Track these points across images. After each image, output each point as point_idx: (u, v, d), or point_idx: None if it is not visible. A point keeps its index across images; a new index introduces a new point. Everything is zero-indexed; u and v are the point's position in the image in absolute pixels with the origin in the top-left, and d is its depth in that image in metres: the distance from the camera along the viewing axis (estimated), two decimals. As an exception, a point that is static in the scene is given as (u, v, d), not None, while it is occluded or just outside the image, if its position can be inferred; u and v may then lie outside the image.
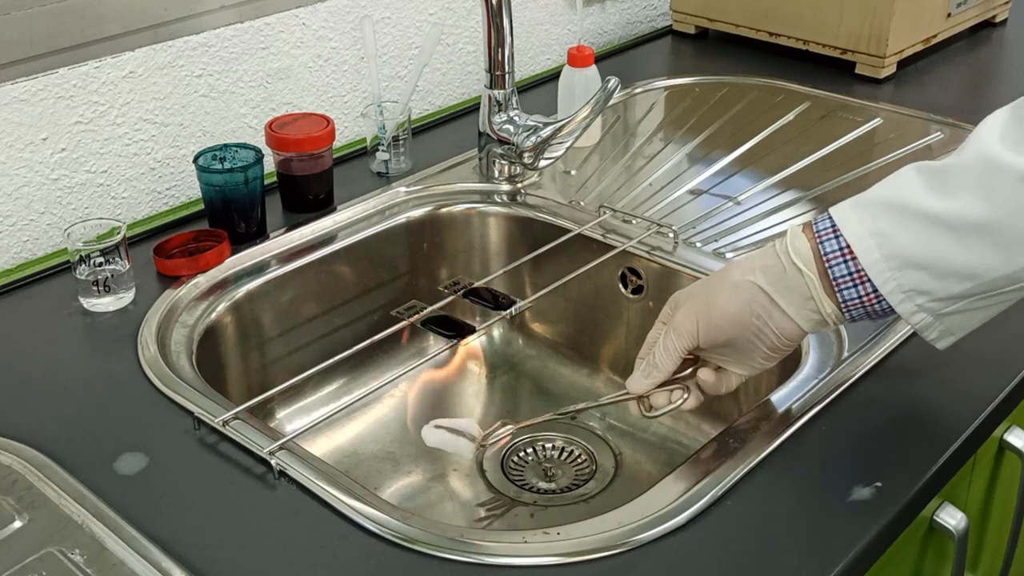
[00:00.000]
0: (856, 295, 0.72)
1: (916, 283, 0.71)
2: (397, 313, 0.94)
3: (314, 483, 0.74)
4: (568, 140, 1.09)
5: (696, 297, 0.77)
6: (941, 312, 0.72)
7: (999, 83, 1.47)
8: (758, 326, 0.75)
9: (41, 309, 0.95)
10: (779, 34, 1.50)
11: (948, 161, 0.71)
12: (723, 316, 0.75)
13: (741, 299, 0.75)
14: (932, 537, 0.84)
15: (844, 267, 0.72)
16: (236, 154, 1.05)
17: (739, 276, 0.75)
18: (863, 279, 0.72)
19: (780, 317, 0.74)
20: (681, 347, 0.77)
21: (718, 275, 0.78)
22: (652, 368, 0.78)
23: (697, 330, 0.76)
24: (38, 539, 0.69)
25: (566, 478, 1.00)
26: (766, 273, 0.74)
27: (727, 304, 0.75)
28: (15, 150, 1.00)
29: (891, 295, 0.71)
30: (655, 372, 0.78)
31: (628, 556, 0.68)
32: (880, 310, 0.73)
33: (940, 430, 0.78)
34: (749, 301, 0.74)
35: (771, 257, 0.75)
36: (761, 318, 0.74)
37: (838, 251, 0.72)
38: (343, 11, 1.23)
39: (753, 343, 0.76)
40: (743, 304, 0.74)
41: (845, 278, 0.72)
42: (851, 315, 0.74)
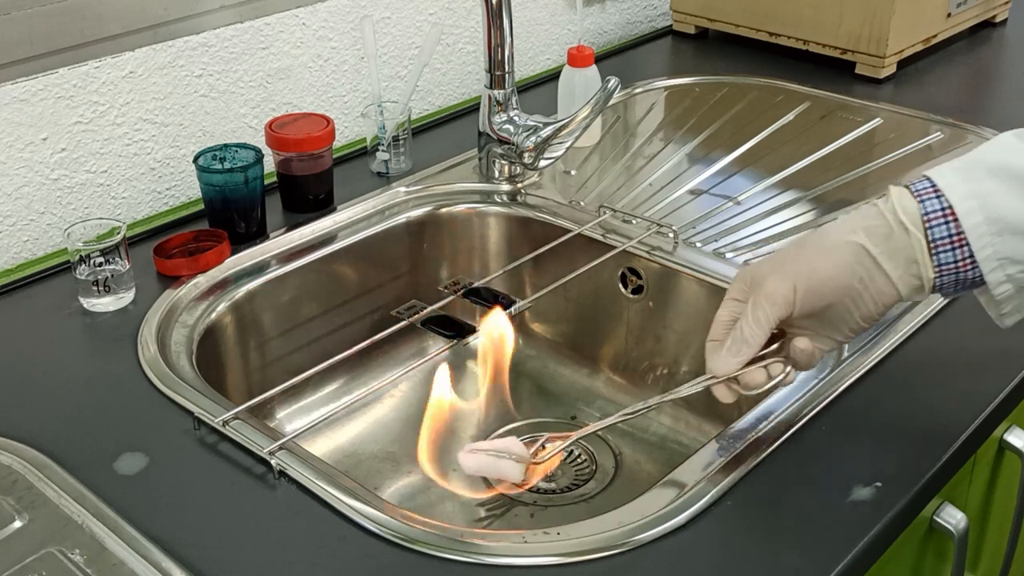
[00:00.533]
0: (952, 259, 0.69)
1: (1012, 251, 0.68)
2: (397, 313, 0.95)
3: (314, 483, 0.74)
4: (568, 140, 1.09)
5: (788, 263, 0.72)
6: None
7: (999, 83, 1.47)
8: (859, 290, 0.70)
9: (41, 309, 0.95)
10: (779, 34, 1.50)
11: None
12: (824, 280, 0.70)
13: (844, 261, 0.70)
14: (932, 537, 0.84)
15: (944, 228, 0.69)
16: (236, 154, 1.05)
17: (840, 237, 0.71)
18: (962, 242, 0.69)
19: (882, 281, 0.70)
20: (774, 317, 0.71)
21: (811, 238, 0.73)
22: (741, 344, 0.72)
23: (794, 297, 0.71)
24: (38, 539, 0.69)
25: (566, 478, 1.00)
26: (870, 234, 0.70)
27: (829, 267, 0.70)
28: (15, 150, 1.00)
29: (985, 262, 0.69)
30: (745, 348, 0.72)
31: (628, 556, 0.68)
32: (969, 279, 0.70)
33: (940, 430, 0.78)
34: (853, 263, 0.70)
35: (875, 217, 0.71)
36: (863, 281, 0.70)
37: (939, 211, 0.69)
38: (343, 11, 1.23)
39: (848, 310, 0.71)
40: (847, 266, 0.70)
41: (944, 240, 0.69)
42: (941, 281, 0.70)
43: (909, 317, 0.90)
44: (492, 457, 0.73)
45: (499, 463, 0.73)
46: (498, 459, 0.73)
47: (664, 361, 1.07)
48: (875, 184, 1.14)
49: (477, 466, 0.74)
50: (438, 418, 0.83)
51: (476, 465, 0.74)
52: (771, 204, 1.12)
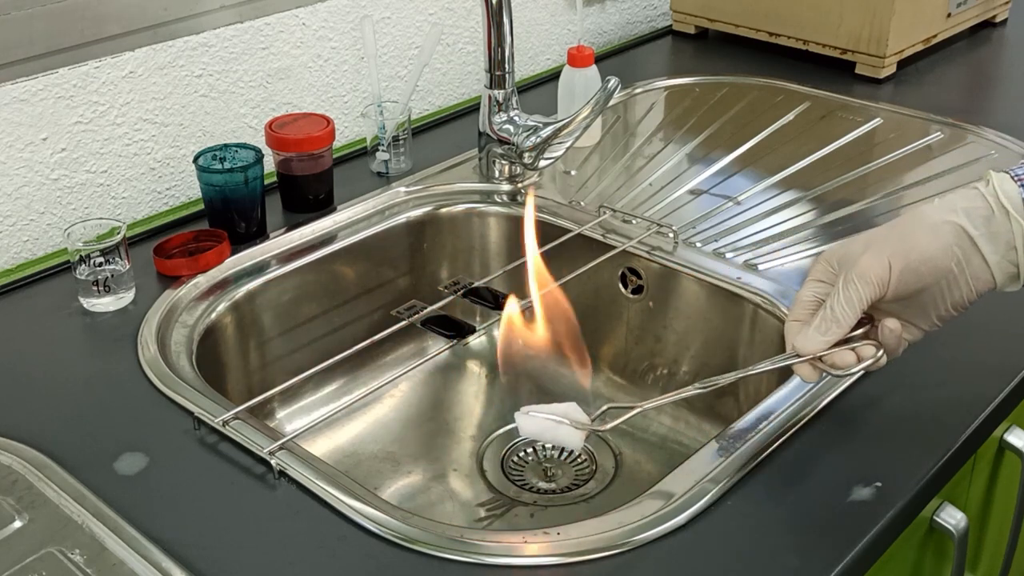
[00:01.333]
0: None
1: None
2: (397, 313, 0.95)
3: (314, 483, 0.74)
4: (568, 140, 1.09)
5: (883, 242, 0.70)
6: None
7: (999, 83, 1.47)
8: (955, 273, 0.69)
9: (41, 309, 0.95)
10: (779, 34, 1.50)
11: None
12: (922, 260, 0.68)
13: (943, 241, 0.69)
14: (932, 537, 0.84)
15: None
16: (236, 154, 1.05)
17: (939, 216, 0.69)
18: None
19: (979, 265, 0.69)
20: (868, 296, 0.69)
21: (908, 218, 0.71)
22: (831, 323, 0.70)
23: (889, 276, 0.69)
24: (38, 539, 0.69)
25: (566, 478, 1.00)
26: (970, 215, 0.69)
27: (928, 247, 0.68)
28: (15, 150, 1.00)
29: None
30: (835, 327, 0.70)
31: (628, 556, 0.68)
32: None
33: (940, 430, 0.78)
34: (951, 245, 0.68)
35: (977, 199, 0.69)
36: (960, 264, 0.69)
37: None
38: (343, 11, 1.23)
39: (942, 294, 0.70)
40: (945, 247, 0.68)
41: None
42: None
43: (909, 317, 0.90)
44: (552, 422, 0.70)
45: (558, 429, 0.70)
46: (557, 424, 0.70)
47: (664, 361, 1.07)
48: (875, 184, 1.14)
49: (536, 429, 0.71)
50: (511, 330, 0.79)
51: (535, 428, 0.71)
52: (771, 204, 1.12)
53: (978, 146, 1.21)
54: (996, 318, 0.90)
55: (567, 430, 0.70)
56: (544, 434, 0.72)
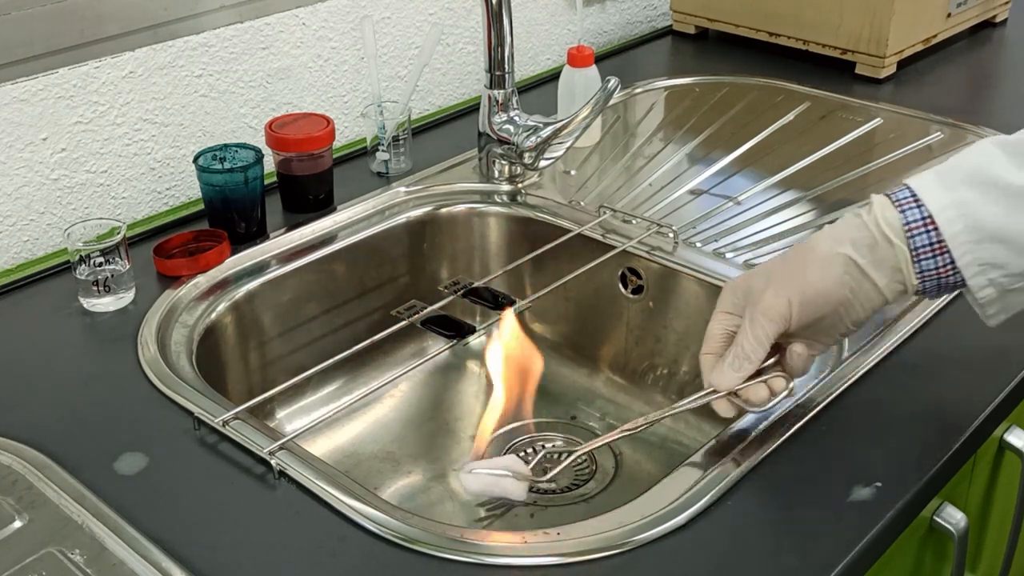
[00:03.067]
0: (934, 266, 0.72)
1: (992, 256, 0.70)
2: (397, 313, 0.94)
3: (314, 483, 0.74)
4: (568, 140, 1.09)
5: (780, 277, 0.74)
6: (1009, 288, 0.72)
7: (999, 83, 1.47)
8: (849, 299, 0.73)
9: (41, 309, 0.95)
10: (779, 34, 1.50)
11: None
12: (818, 293, 0.73)
13: (835, 273, 0.73)
14: (932, 537, 0.84)
15: (925, 237, 0.71)
16: (236, 154, 1.05)
17: (829, 249, 0.73)
18: (943, 250, 0.71)
19: (870, 289, 0.73)
20: (773, 332, 0.74)
21: (800, 251, 0.75)
22: (743, 361, 0.74)
23: (790, 312, 0.73)
24: (38, 539, 0.69)
25: (566, 478, 1.00)
26: (857, 245, 0.73)
27: (822, 280, 0.73)
28: (15, 150, 1.00)
29: (966, 268, 0.71)
30: (746, 363, 0.74)
31: (628, 556, 0.68)
32: (951, 283, 0.72)
33: (940, 430, 0.78)
34: (843, 274, 0.73)
35: (860, 228, 0.73)
36: (853, 291, 0.73)
37: (920, 220, 0.71)
38: (343, 11, 1.23)
39: (840, 317, 0.74)
40: (838, 278, 0.73)
41: (925, 248, 0.71)
42: (925, 286, 0.73)
43: (909, 317, 0.90)
44: (494, 477, 0.75)
45: (502, 482, 0.75)
46: (500, 478, 0.75)
47: (664, 361, 1.07)
48: (875, 184, 1.14)
49: (479, 487, 0.76)
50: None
51: (478, 487, 0.76)
52: (771, 204, 1.12)
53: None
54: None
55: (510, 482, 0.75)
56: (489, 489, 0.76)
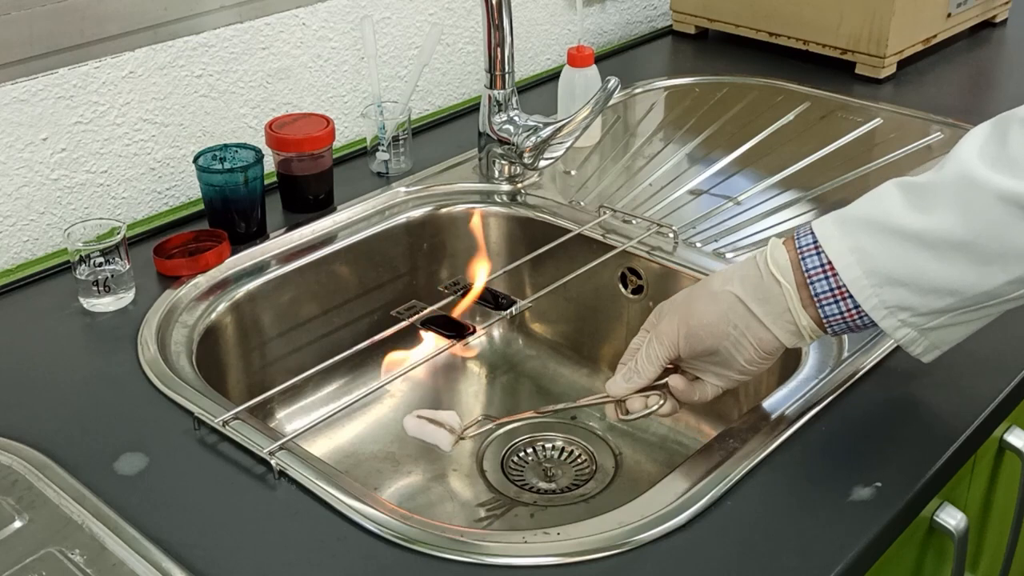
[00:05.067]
0: (837, 311, 0.73)
1: (898, 299, 0.71)
2: (397, 313, 0.94)
3: (314, 483, 0.74)
4: (568, 140, 1.09)
5: (678, 307, 0.78)
6: (924, 327, 0.72)
7: (999, 83, 1.47)
8: (735, 336, 0.75)
9: (41, 309, 0.95)
10: (779, 34, 1.50)
11: (928, 177, 0.71)
12: (701, 326, 0.75)
13: (719, 309, 0.75)
14: (932, 537, 0.84)
15: (825, 283, 0.72)
16: (236, 154, 1.05)
17: (718, 286, 0.76)
18: (844, 295, 0.72)
19: (758, 327, 0.74)
20: (663, 355, 0.78)
21: (700, 285, 0.78)
22: (633, 374, 0.79)
23: (678, 339, 0.77)
24: (38, 539, 0.69)
25: (566, 478, 1.00)
26: (744, 283, 0.75)
27: (705, 313, 0.75)
28: (15, 150, 1.00)
29: (874, 311, 0.72)
30: (635, 378, 0.79)
31: (628, 556, 0.68)
32: (862, 324, 0.73)
33: (940, 430, 0.78)
34: (727, 311, 0.75)
35: (751, 268, 0.76)
36: (739, 328, 0.75)
37: (819, 267, 0.72)
38: (343, 11, 1.23)
39: (731, 354, 0.76)
40: (721, 314, 0.75)
41: (826, 294, 0.72)
42: (833, 330, 0.74)
43: (909, 317, 0.90)
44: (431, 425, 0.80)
45: (436, 431, 0.79)
46: (436, 428, 0.79)
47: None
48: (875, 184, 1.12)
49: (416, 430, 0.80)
50: None
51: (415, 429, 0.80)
52: (771, 204, 1.12)
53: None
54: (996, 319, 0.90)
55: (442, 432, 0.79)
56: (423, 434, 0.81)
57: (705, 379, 0.79)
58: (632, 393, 0.80)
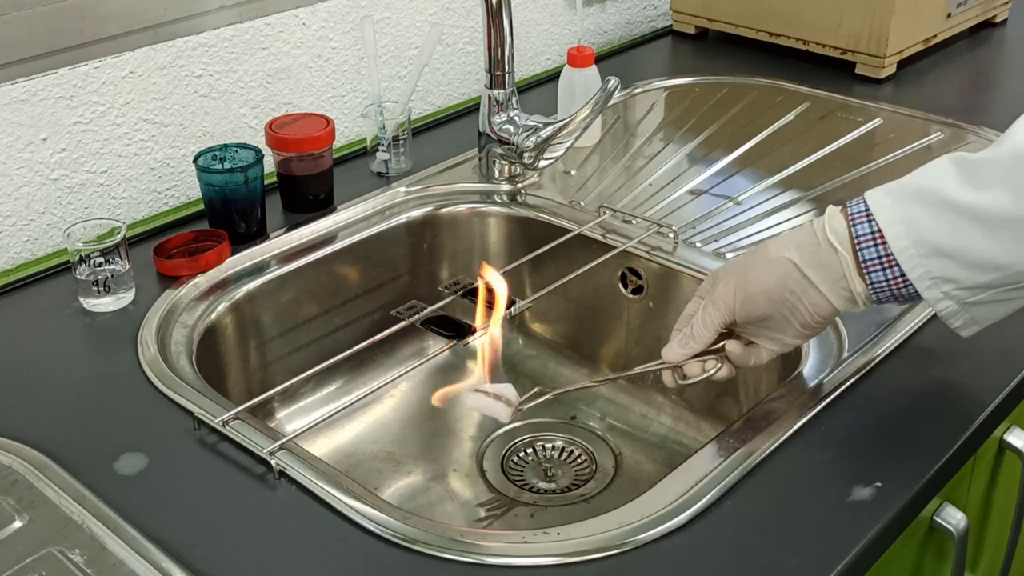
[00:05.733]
0: (884, 278, 0.74)
1: (943, 271, 0.72)
2: (397, 313, 0.94)
3: (314, 483, 0.74)
4: (568, 140, 1.09)
5: (735, 272, 0.79)
6: (967, 301, 0.73)
7: (999, 83, 1.47)
8: (792, 302, 0.76)
9: (41, 309, 0.95)
10: (779, 34, 1.50)
11: (984, 154, 0.72)
12: (758, 291, 0.77)
13: (776, 275, 0.76)
14: (932, 537, 0.84)
15: (874, 250, 0.73)
16: (236, 154, 1.05)
17: (775, 252, 0.77)
18: (891, 263, 0.73)
19: (814, 293, 0.76)
20: (718, 320, 0.79)
21: (756, 251, 0.79)
22: (689, 339, 0.80)
23: (734, 305, 0.78)
24: (38, 539, 0.69)
25: (566, 478, 1.00)
26: (800, 250, 0.76)
27: (762, 280, 0.77)
28: (15, 150, 1.00)
29: (919, 281, 0.73)
30: (691, 343, 0.80)
31: (628, 556, 0.68)
32: (907, 294, 0.74)
33: (940, 430, 0.78)
34: (784, 277, 0.76)
35: (808, 235, 0.77)
36: (795, 294, 0.76)
37: (869, 235, 0.74)
38: (343, 11, 1.23)
39: (787, 319, 0.77)
40: (778, 280, 0.76)
41: (874, 261, 0.73)
42: (878, 297, 0.75)
43: (909, 317, 0.90)
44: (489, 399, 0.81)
45: (493, 404, 0.81)
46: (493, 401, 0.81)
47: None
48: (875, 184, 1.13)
49: (475, 403, 0.82)
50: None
51: (474, 403, 0.82)
52: (771, 204, 1.12)
53: (978, 146, 1.21)
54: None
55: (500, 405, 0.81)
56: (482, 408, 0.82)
57: (760, 344, 0.80)
58: (688, 359, 0.81)
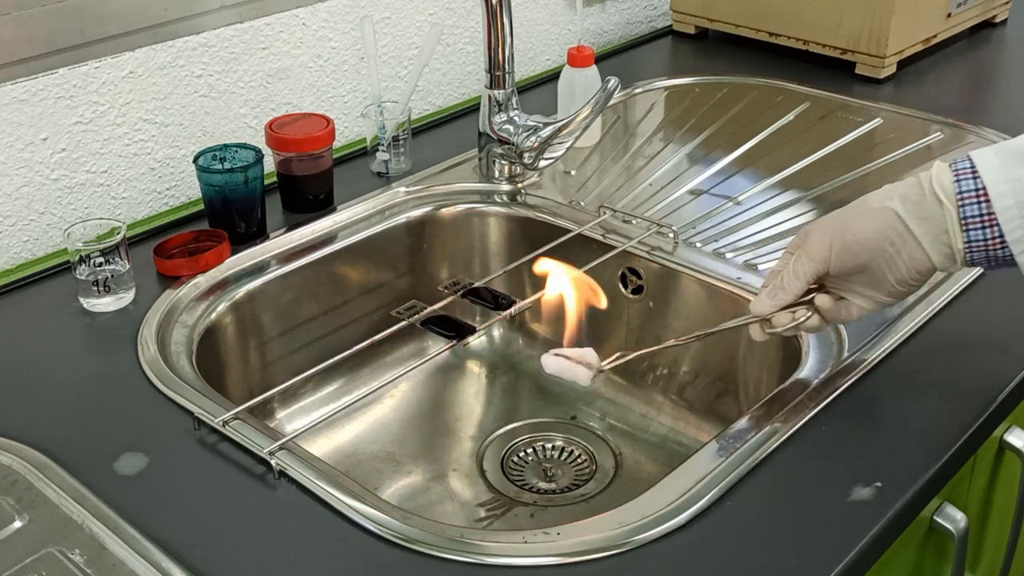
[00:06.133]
0: (982, 237, 0.73)
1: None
2: (397, 313, 0.94)
3: (314, 483, 0.74)
4: (568, 140, 1.09)
5: (831, 224, 0.77)
6: None
7: (999, 83, 1.47)
8: (891, 253, 0.75)
9: (41, 309, 0.95)
10: (779, 34, 1.50)
11: None
12: (857, 241, 0.76)
13: (877, 224, 0.75)
14: (932, 537, 0.84)
15: (976, 208, 0.73)
16: (236, 154, 1.05)
17: (877, 202, 0.76)
18: (992, 223, 0.72)
19: (914, 246, 0.75)
20: (811, 271, 0.77)
21: (856, 203, 0.78)
22: (779, 290, 0.79)
23: (830, 254, 0.76)
24: (38, 539, 0.69)
25: (566, 478, 1.00)
26: (904, 201, 0.75)
27: (862, 229, 0.75)
28: (15, 150, 1.00)
29: (1015, 243, 0.72)
30: (781, 294, 0.79)
31: (628, 556, 0.68)
32: (1000, 257, 0.74)
33: (940, 430, 0.78)
34: (885, 227, 0.75)
35: (913, 187, 0.75)
36: (895, 245, 0.75)
37: (972, 191, 0.73)
38: (343, 11, 1.23)
39: (883, 272, 0.76)
40: (878, 230, 0.75)
41: (975, 219, 0.73)
42: (972, 257, 0.74)
43: (909, 318, 0.90)
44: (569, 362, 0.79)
45: (574, 368, 0.79)
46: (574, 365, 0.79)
47: (664, 361, 1.07)
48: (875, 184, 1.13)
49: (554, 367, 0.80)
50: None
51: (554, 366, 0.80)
52: (771, 204, 1.12)
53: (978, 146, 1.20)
54: (996, 318, 0.90)
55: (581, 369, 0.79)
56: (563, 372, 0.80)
57: (850, 299, 0.79)
58: (776, 311, 0.79)
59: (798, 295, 0.79)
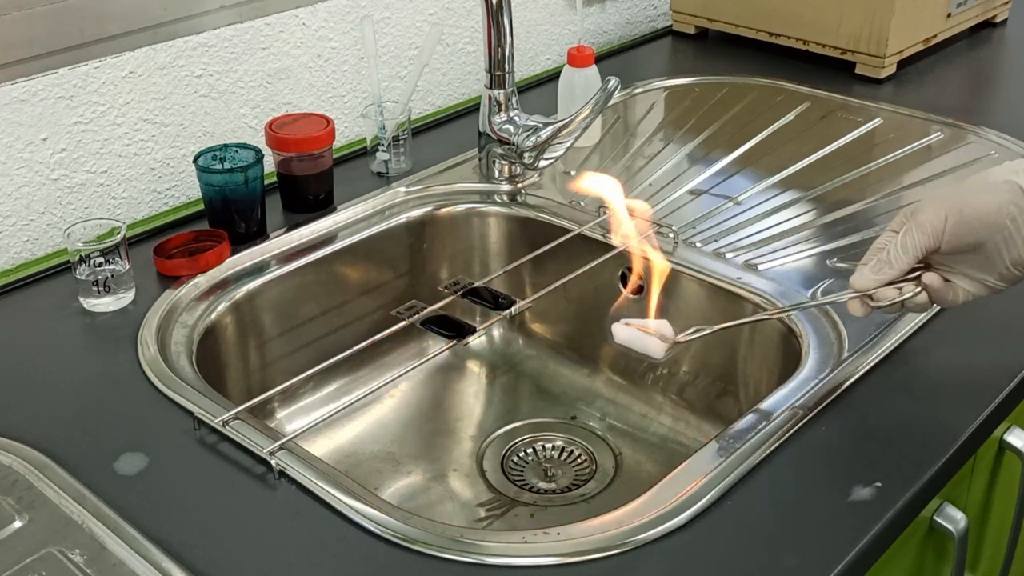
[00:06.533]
0: None
1: None
2: (397, 313, 0.94)
3: (314, 483, 0.74)
4: (568, 140, 1.09)
5: (946, 197, 0.73)
6: None
7: (999, 83, 1.47)
8: (1011, 230, 0.71)
9: (41, 309, 0.95)
10: (779, 34, 1.50)
11: None
12: (976, 215, 0.71)
13: (999, 199, 0.71)
14: (932, 537, 0.84)
15: None
16: (236, 154, 1.05)
17: (1000, 176, 0.72)
18: None
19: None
20: (922, 245, 0.73)
21: (974, 177, 0.74)
22: (884, 264, 0.75)
23: (944, 228, 0.72)
24: (38, 539, 0.69)
25: (566, 478, 1.00)
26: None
27: (983, 203, 0.71)
28: (15, 150, 1.00)
29: None
30: (887, 269, 0.74)
31: (628, 556, 0.68)
32: None
33: (940, 430, 0.78)
34: (1008, 202, 0.71)
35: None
36: (1016, 221, 0.71)
37: None
38: (343, 11, 1.23)
39: (999, 251, 0.72)
40: (1000, 204, 0.71)
41: None
42: None
43: (909, 317, 0.90)
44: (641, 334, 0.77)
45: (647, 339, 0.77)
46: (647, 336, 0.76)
47: (664, 361, 1.07)
48: (875, 184, 1.14)
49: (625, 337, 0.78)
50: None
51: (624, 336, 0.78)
52: (771, 204, 1.12)
53: (978, 146, 1.21)
54: (996, 317, 0.90)
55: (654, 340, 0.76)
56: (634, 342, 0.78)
57: (958, 282, 0.75)
58: (879, 287, 0.75)
59: (904, 271, 0.74)
